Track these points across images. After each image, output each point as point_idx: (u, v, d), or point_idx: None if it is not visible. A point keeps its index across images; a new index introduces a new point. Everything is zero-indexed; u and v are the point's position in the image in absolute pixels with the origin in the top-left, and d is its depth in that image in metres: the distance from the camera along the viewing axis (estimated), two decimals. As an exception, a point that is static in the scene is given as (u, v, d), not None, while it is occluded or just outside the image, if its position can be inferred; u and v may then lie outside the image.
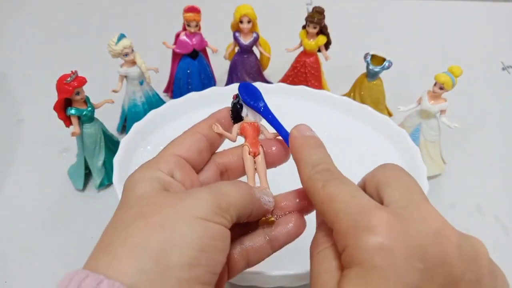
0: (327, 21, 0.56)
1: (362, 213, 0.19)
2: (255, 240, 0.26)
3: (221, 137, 0.28)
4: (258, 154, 0.28)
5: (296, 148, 0.25)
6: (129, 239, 0.19)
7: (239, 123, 0.29)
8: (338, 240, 0.20)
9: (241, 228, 0.26)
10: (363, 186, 0.24)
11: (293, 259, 0.38)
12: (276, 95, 0.53)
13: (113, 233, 0.20)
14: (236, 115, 0.28)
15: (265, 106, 0.28)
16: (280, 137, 0.28)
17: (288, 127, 0.29)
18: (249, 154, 0.27)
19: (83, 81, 0.43)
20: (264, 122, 0.29)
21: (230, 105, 0.29)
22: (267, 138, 0.29)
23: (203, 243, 0.20)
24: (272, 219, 0.26)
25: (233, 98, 0.29)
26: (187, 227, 0.20)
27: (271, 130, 0.29)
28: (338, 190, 0.21)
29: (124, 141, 0.45)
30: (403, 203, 0.20)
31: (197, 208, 0.20)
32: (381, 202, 0.21)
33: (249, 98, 0.28)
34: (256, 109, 0.28)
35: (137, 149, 0.45)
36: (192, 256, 0.19)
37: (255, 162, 0.28)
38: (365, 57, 0.54)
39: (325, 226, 0.23)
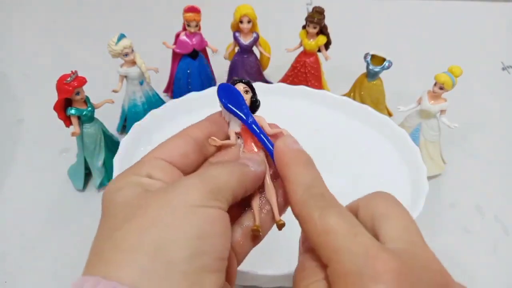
0: (327, 21, 0.56)
1: (367, 256, 0.17)
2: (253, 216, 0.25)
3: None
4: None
5: (284, 163, 0.23)
6: (121, 243, 0.18)
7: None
8: (336, 281, 0.18)
9: (237, 209, 0.25)
10: (356, 213, 0.22)
11: (292, 259, 0.38)
12: (276, 95, 0.53)
13: (102, 243, 0.19)
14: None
15: (248, 112, 0.26)
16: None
17: (287, 128, 0.29)
18: None
19: (83, 81, 0.43)
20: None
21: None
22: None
23: (203, 230, 0.19)
24: (282, 222, 0.24)
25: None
26: (181, 218, 0.19)
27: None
28: (337, 223, 0.19)
29: (124, 141, 0.45)
30: (403, 245, 0.19)
31: (188, 196, 0.20)
32: (375, 235, 0.20)
33: (231, 104, 0.25)
34: (238, 117, 0.25)
35: (137, 149, 0.45)
36: (192, 246, 0.18)
37: None
38: (365, 57, 0.54)
39: (316, 256, 0.20)
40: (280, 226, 0.24)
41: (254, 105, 0.26)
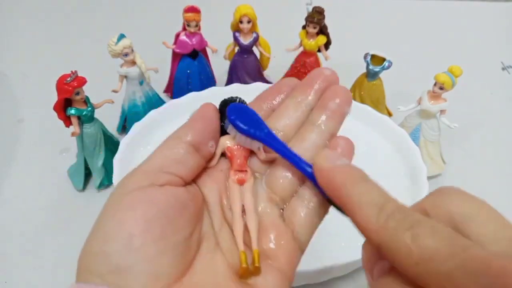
0: (327, 21, 0.56)
1: (491, 270, 0.14)
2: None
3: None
4: (246, 181, 0.22)
5: (337, 185, 0.18)
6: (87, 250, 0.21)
7: (224, 141, 0.23)
8: None
9: None
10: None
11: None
12: (276, 95, 0.53)
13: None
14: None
15: (270, 133, 0.22)
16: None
17: None
18: (236, 182, 0.22)
19: (83, 81, 0.43)
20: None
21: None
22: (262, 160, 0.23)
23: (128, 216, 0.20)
24: (257, 265, 0.20)
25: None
26: (113, 209, 0.21)
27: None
28: (437, 243, 0.15)
29: (124, 141, 0.45)
30: (505, 242, 0.16)
31: (123, 188, 0.21)
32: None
33: (247, 126, 0.22)
34: (259, 139, 0.22)
35: (137, 149, 0.45)
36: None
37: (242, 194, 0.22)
38: (365, 57, 0.54)
39: (405, 280, 0.17)
40: (255, 270, 0.20)
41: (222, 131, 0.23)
